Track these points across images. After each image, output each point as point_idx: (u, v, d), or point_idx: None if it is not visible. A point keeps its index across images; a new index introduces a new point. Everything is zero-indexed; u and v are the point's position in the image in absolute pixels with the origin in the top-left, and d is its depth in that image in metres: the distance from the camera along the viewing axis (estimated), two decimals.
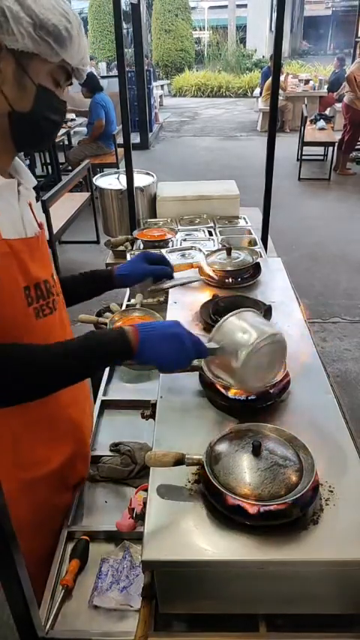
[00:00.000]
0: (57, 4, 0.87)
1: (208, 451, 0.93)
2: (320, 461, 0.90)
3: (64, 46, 0.88)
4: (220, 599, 0.88)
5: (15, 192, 1.00)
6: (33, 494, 1.11)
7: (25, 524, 1.08)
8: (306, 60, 19.05)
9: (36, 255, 1.02)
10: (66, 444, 1.18)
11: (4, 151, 0.97)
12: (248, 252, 1.82)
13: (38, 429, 1.11)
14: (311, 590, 0.85)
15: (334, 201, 6.85)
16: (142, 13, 9.75)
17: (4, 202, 0.96)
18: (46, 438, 1.13)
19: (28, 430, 1.08)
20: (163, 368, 1.02)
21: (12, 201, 0.99)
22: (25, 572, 0.83)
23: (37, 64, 0.88)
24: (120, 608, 1.01)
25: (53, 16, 0.86)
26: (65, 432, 1.17)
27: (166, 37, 19.30)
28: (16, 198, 1.00)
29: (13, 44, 0.84)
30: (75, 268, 4.94)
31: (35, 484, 1.11)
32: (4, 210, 0.95)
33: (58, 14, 0.87)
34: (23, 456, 1.09)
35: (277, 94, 2.50)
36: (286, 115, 10.59)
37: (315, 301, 4.32)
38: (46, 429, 1.12)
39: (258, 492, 0.85)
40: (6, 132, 0.93)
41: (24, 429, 1.08)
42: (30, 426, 1.08)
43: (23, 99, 0.90)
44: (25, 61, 0.87)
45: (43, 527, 1.15)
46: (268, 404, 1.10)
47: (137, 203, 2.97)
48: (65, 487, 1.22)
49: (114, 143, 6.51)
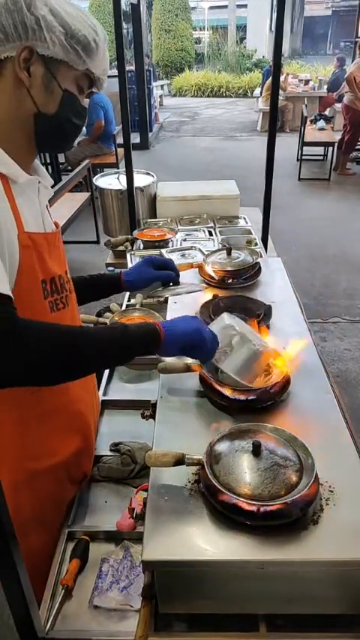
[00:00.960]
0: (87, 17, 0.96)
1: (208, 451, 0.93)
2: (320, 461, 0.90)
3: (91, 56, 0.95)
4: (220, 599, 0.88)
5: (36, 190, 1.05)
6: (37, 486, 1.13)
7: (26, 518, 1.10)
8: (306, 60, 19.04)
9: (53, 250, 1.06)
10: (74, 438, 1.20)
11: (27, 151, 1.01)
12: (248, 252, 1.82)
13: (49, 421, 1.13)
14: (311, 590, 0.85)
15: (334, 201, 6.85)
16: (142, 13, 9.74)
17: (26, 198, 1.00)
18: (56, 430, 1.15)
19: (39, 422, 1.11)
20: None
21: (33, 198, 1.04)
22: (25, 572, 0.83)
23: (65, 71, 0.95)
24: (120, 608, 1.01)
25: (83, 28, 0.93)
26: (74, 425, 1.20)
27: (166, 37, 19.29)
28: (36, 195, 1.05)
29: (44, 51, 0.91)
30: (75, 268, 4.94)
31: (41, 475, 1.13)
32: (26, 205, 0.99)
33: (87, 26, 0.94)
34: (32, 447, 1.12)
35: (277, 94, 2.50)
36: (286, 115, 10.59)
37: (315, 301, 4.31)
38: (57, 421, 1.15)
39: (258, 492, 0.85)
40: (30, 132, 0.98)
41: (36, 420, 1.11)
42: (42, 418, 1.11)
43: (50, 102, 0.95)
44: (54, 67, 0.93)
45: (45, 522, 1.17)
46: (268, 404, 1.10)
47: (137, 203, 2.97)
48: (69, 481, 1.23)
49: (114, 143, 6.50)
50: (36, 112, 0.95)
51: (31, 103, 0.94)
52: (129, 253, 2.29)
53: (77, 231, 5.15)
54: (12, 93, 0.93)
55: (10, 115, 0.95)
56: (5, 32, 0.88)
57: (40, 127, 0.97)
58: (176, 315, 1.52)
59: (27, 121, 0.96)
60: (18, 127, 0.96)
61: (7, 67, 0.91)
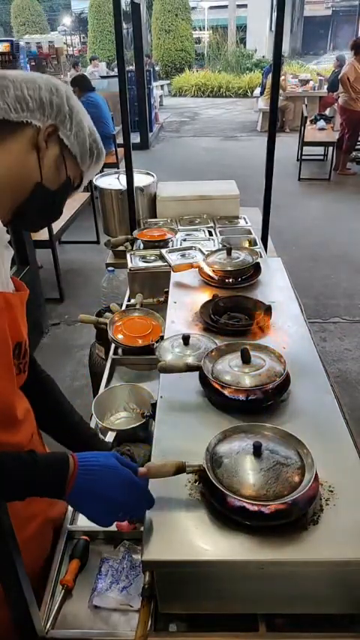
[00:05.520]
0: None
1: (209, 455, 0.92)
2: (320, 461, 0.90)
3: (96, 164, 1.05)
4: (220, 599, 0.88)
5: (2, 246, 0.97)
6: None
7: None
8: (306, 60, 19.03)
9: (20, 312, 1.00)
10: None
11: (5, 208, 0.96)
12: (248, 252, 1.82)
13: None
14: (311, 590, 0.85)
15: (334, 201, 6.84)
16: (142, 13, 9.74)
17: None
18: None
19: None
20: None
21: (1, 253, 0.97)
22: (24, 572, 0.83)
23: (71, 164, 1.00)
24: (120, 608, 1.01)
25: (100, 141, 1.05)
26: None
27: (166, 37, 19.30)
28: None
29: (65, 139, 0.97)
30: (75, 268, 4.98)
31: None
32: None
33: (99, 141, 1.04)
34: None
35: (277, 94, 2.50)
36: (286, 115, 10.59)
37: (315, 301, 4.31)
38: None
39: (263, 493, 0.84)
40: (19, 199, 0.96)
41: None
42: None
43: (54, 180, 0.98)
44: (67, 155, 0.99)
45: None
46: (268, 404, 1.10)
47: (137, 203, 2.96)
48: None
49: (114, 143, 6.50)
50: (38, 182, 0.96)
51: (37, 172, 0.95)
52: (129, 253, 2.29)
53: (77, 231, 5.15)
54: (21, 155, 0.93)
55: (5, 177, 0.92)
56: (41, 104, 0.93)
57: (35, 196, 0.97)
58: (176, 314, 1.53)
59: (24, 186, 0.95)
60: (9, 189, 0.94)
61: (26, 132, 0.93)
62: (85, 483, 0.84)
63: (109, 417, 1.51)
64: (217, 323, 1.44)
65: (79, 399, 2.57)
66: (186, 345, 1.32)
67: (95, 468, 0.86)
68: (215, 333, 1.41)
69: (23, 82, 0.92)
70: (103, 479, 0.85)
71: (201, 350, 1.30)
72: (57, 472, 0.83)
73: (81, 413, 1.26)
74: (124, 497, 0.85)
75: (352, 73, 7.03)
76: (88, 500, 0.85)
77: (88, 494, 0.84)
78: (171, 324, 1.50)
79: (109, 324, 1.83)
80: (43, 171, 0.96)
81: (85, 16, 18.67)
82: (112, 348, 1.84)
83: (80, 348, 3.72)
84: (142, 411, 1.47)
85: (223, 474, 0.89)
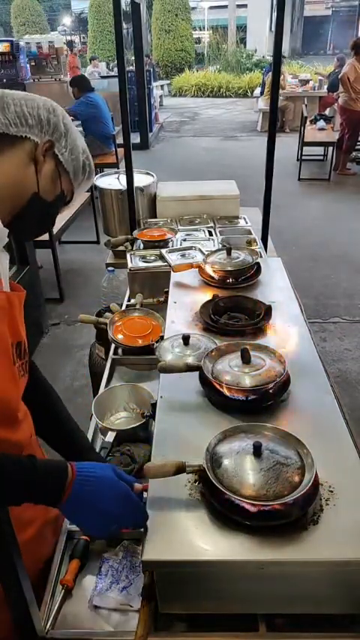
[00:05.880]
0: None
1: (208, 455, 0.92)
2: (320, 461, 0.90)
3: (87, 180, 1.09)
4: (220, 599, 0.88)
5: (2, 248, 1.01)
6: None
7: None
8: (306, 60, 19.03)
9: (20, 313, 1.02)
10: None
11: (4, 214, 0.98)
12: (248, 252, 1.82)
13: None
14: (311, 590, 0.85)
15: (334, 201, 6.84)
16: (142, 13, 9.73)
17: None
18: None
19: None
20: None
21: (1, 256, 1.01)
22: (24, 572, 0.83)
23: (64, 179, 1.05)
24: (120, 608, 1.01)
25: (91, 159, 1.10)
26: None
27: (166, 37, 19.31)
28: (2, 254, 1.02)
29: (60, 155, 1.01)
30: (75, 268, 4.98)
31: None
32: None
33: (91, 159, 1.09)
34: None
35: (277, 93, 2.50)
36: (286, 115, 10.59)
37: (315, 301, 4.31)
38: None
39: (264, 493, 0.84)
40: (16, 207, 0.99)
41: None
42: None
43: (50, 191, 1.03)
44: (61, 170, 1.03)
45: None
46: (268, 404, 1.10)
47: (137, 203, 2.96)
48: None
49: (114, 143, 6.50)
50: (35, 192, 1.00)
51: (34, 183, 0.99)
52: (129, 253, 2.29)
53: (77, 231, 5.15)
54: (20, 166, 0.97)
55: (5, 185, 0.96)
56: (39, 121, 0.98)
57: (31, 206, 1.00)
58: (176, 314, 1.53)
59: (21, 195, 0.99)
60: (8, 196, 0.97)
61: (25, 146, 0.98)
62: (81, 493, 0.84)
63: (109, 417, 1.51)
64: (217, 323, 1.44)
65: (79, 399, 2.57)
66: (186, 345, 1.32)
67: (92, 479, 0.86)
68: (215, 333, 1.41)
69: (23, 100, 0.97)
70: (100, 490, 0.86)
71: (201, 350, 1.30)
72: (55, 479, 0.84)
73: (81, 413, 1.26)
74: (119, 510, 0.86)
75: (352, 73, 7.03)
76: (84, 510, 0.85)
77: (83, 504, 0.84)
78: (171, 324, 1.50)
79: (109, 324, 1.83)
80: (40, 183, 1.00)
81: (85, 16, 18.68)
82: (112, 348, 1.84)
83: (80, 348, 3.72)
84: (142, 411, 1.47)
85: (223, 474, 0.89)
